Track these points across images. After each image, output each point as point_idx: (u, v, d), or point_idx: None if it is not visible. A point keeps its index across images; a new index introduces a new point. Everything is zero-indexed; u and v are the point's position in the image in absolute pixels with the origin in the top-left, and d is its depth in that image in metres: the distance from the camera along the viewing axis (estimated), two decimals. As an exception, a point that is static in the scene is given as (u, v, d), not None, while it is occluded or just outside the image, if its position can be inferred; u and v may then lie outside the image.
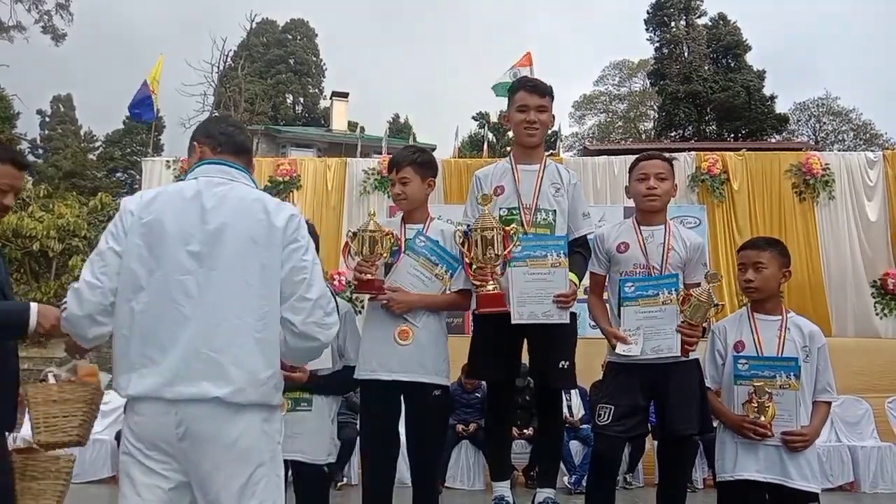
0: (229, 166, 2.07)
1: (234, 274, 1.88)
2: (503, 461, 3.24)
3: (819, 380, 2.79)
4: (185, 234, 1.90)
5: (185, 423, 1.82)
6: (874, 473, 7.08)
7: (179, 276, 1.88)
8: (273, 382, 1.90)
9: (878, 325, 8.51)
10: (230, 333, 1.85)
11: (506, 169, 3.11)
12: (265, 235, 1.93)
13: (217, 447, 1.82)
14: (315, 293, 1.93)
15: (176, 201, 1.97)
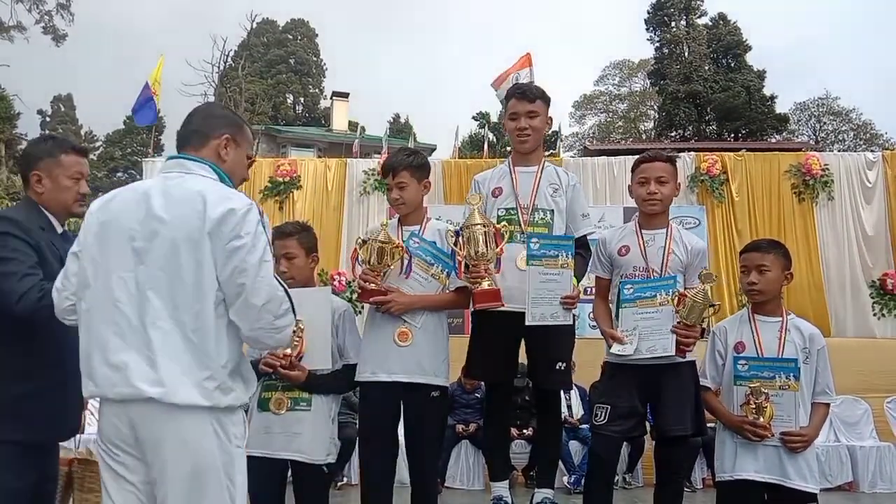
0: (186, 159, 2.02)
1: (168, 271, 1.83)
2: (502, 461, 3.25)
3: (818, 381, 2.80)
4: (130, 231, 1.88)
5: (133, 424, 1.81)
6: (873, 473, 7.09)
7: (121, 273, 1.86)
8: (214, 384, 1.81)
9: (876, 325, 8.52)
10: (163, 332, 1.80)
11: (504, 171, 3.12)
12: (199, 230, 1.84)
13: (163, 449, 1.79)
14: (261, 298, 1.84)
15: (129, 199, 1.95)
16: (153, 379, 1.77)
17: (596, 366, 3.20)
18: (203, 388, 1.79)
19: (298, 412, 2.75)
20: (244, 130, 2.16)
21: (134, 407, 1.80)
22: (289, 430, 2.71)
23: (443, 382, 2.89)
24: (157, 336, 1.80)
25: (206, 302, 1.83)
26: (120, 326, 1.83)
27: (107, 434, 1.86)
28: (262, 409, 2.76)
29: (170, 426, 1.78)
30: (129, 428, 1.82)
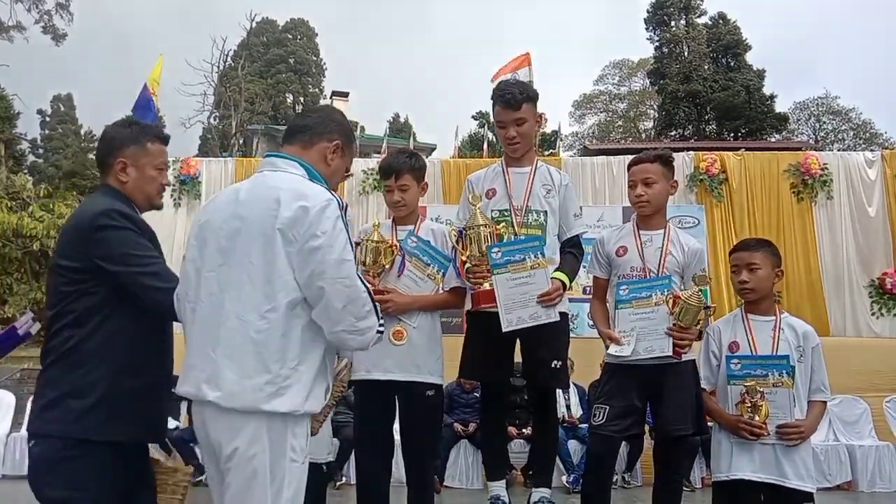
0: (276, 156, 2.01)
1: (241, 269, 1.79)
2: (499, 461, 3.26)
3: (813, 379, 2.80)
4: (219, 231, 1.86)
5: (204, 424, 1.80)
6: (872, 473, 7.10)
7: (208, 272, 1.84)
8: (273, 388, 1.73)
9: (875, 324, 8.53)
10: (229, 334, 1.76)
11: (497, 172, 3.12)
12: (271, 227, 1.78)
13: (224, 452, 1.76)
14: (341, 300, 1.77)
15: (222, 199, 1.95)
16: (213, 381, 1.75)
17: (595, 365, 3.20)
18: (259, 392, 1.73)
19: None
20: (353, 143, 2.15)
21: (201, 407, 1.80)
22: None
23: (437, 381, 2.90)
24: (224, 336, 1.76)
25: (277, 302, 1.77)
26: (203, 325, 1.82)
27: (197, 432, 1.89)
28: None
29: (226, 430, 1.75)
30: (203, 427, 1.82)
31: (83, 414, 2.00)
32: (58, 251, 2.13)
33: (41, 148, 32.93)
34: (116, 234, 2.05)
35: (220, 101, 23.98)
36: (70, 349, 2.02)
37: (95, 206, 2.12)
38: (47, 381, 2.05)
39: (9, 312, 13.11)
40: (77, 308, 2.03)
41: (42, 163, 30.88)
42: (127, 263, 2.04)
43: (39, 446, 2.05)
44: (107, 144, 2.25)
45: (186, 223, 9.38)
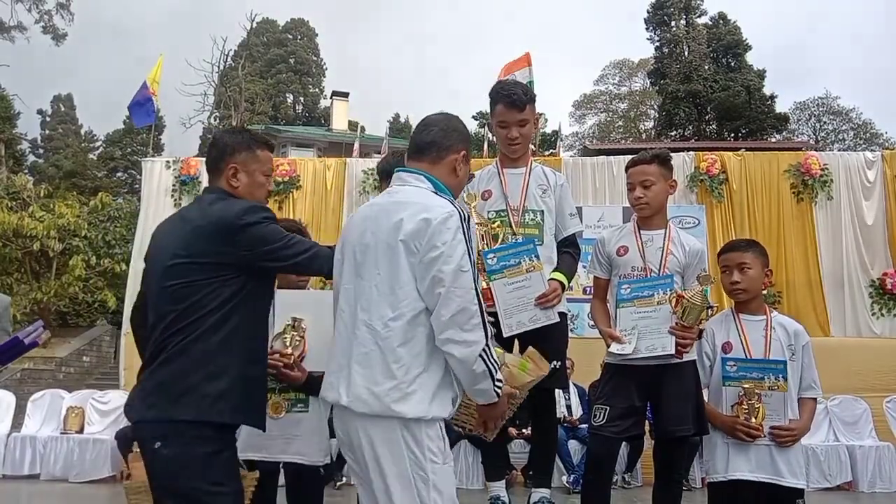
0: (405, 171, 2.09)
1: (370, 281, 1.91)
2: (498, 461, 3.26)
3: (804, 377, 2.81)
4: (354, 245, 2.00)
5: (346, 428, 1.92)
6: (872, 473, 7.10)
7: (346, 284, 1.99)
8: (399, 394, 1.81)
9: (876, 324, 8.51)
10: (359, 342, 1.88)
11: (493, 173, 3.12)
12: (394, 239, 1.89)
13: (365, 454, 1.87)
14: (451, 309, 1.83)
15: (359, 215, 2.08)
16: (347, 387, 1.87)
17: (595, 365, 3.20)
18: (386, 397, 1.81)
19: (296, 414, 2.75)
20: (470, 146, 2.21)
21: (341, 412, 1.93)
22: (287, 433, 2.70)
23: None
24: (356, 345, 1.89)
25: (400, 311, 1.86)
26: (341, 335, 1.96)
27: (339, 435, 1.99)
28: None
29: (363, 433, 1.86)
30: (345, 431, 1.94)
31: (218, 398, 2.05)
32: (181, 250, 2.16)
33: (41, 148, 32.91)
34: (266, 229, 2.17)
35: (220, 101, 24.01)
36: (197, 339, 2.07)
37: (233, 205, 2.20)
38: (174, 372, 2.06)
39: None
40: (209, 301, 2.09)
41: (42, 163, 30.87)
42: (287, 251, 2.18)
43: (171, 446, 2.02)
44: (219, 150, 2.33)
45: (186, 223, 9.39)
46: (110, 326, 15.64)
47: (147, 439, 2.06)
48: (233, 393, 2.08)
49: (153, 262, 2.25)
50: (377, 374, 1.83)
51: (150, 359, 2.13)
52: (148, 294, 2.27)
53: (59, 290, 13.75)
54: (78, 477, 7.33)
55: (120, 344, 9.41)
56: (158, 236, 2.32)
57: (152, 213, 9.41)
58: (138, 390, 2.13)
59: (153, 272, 2.22)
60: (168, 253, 2.17)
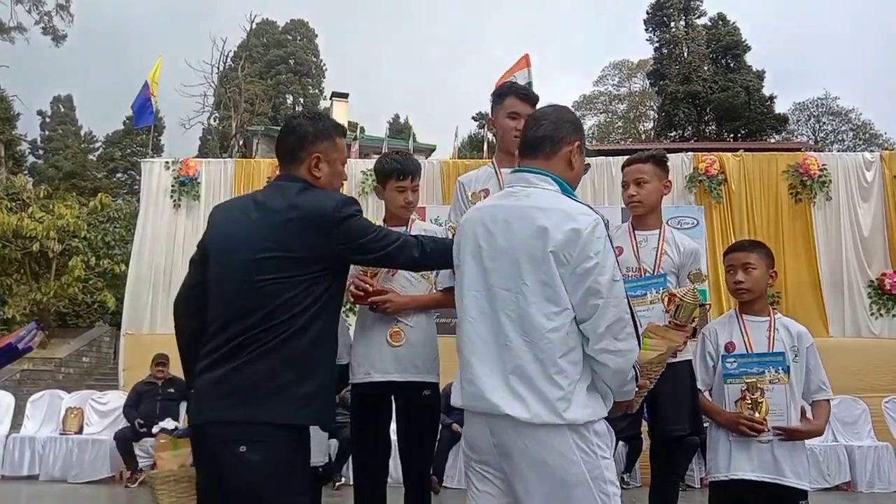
0: (526, 171, 2.02)
1: (515, 292, 1.87)
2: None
3: (812, 380, 2.80)
4: (479, 250, 1.95)
5: (495, 436, 1.88)
6: (871, 473, 7.10)
7: (473, 290, 1.94)
8: (566, 404, 1.81)
9: (874, 325, 8.52)
10: (516, 354, 1.85)
11: (490, 174, 3.14)
12: (542, 249, 1.85)
13: (524, 464, 1.84)
14: (607, 320, 1.84)
15: (476, 217, 2.02)
16: (508, 398, 1.83)
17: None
18: (557, 407, 1.81)
19: None
20: (584, 136, 2.15)
21: (493, 421, 1.87)
22: None
23: (434, 380, 2.91)
24: (509, 357, 1.85)
25: (559, 322, 1.85)
26: (474, 343, 1.92)
27: (470, 441, 1.96)
28: None
29: (529, 443, 1.82)
30: (491, 439, 1.89)
31: (308, 400, 1.99)
32: (271, 243, 2.04)
33: (41, 149, 32.92)
34: (361, 221, 2.13)
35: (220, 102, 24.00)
36: (289, 339, 1.98)
37: (327, 197, 2.11)
38: (263, 371, 1.95)
39: (9, 313, 13.12)
40: (302, 300, 2.01)
41: (42, 164, 30.86)
42: (379, 243, 2.15)
43: (258, 451, 1.91)
44: (299, 137, 2.20)
45: (185, 224, 9.39)
46: (109, 327, 15.65)
47: (227, 441, 1.92)
48: (320, 395, 2.03)
49: (226, 254, 2.09)
50: (541, 385, 1.82)
51: (221, 358, 1.98)
52: (217, 286, 2.09)
53: (59, 290, 13.76)
54: (77, 477, 7.33)
55: (119, 344, 9.41)
56: (227, 225, 2.15)
57: (151, 213, 9.42)
58: (211, 388, 1.97)
59: (228, 264, 2.07)
60: (252, 245, 2.04)
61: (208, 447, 1.97)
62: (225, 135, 24.22)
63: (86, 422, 7.93)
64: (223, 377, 1.96)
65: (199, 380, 2.02)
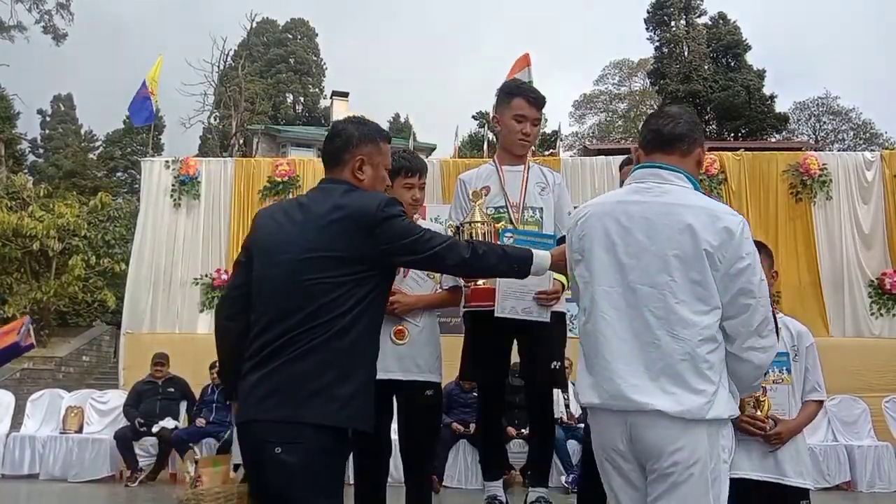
0: (661, 168, 2.02)
1: (663, 289, 1.87)
2: (495, 461, 3.26)
3: (808, 379, 2.80)
4: (612, 245, 1.93)
5: (632, 433, 1.88)
6: (871, 473, 7.10)
7: (606, 286, 1.92)
8: (705, 399, 1.84)
9: (874, 324, 8.52)
10: (665, 351, 1.85)
11: (491, 171, 3.14)
12: (693, 248, 1.86)
13: (662, 459, 1.84)
14: (758, 319, 1.87)
15: (601, 211, 2.00)
16: (658, 394, 1.83)
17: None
18: (705, 403, 1.83)
19: None
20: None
21: (635, 417, 1.86)
22: None
23: (437, 379, 2.91)
24: (658, 355, 1.85)
25: (711, 320, 1.86)
26: (610, 340, 1.90)
27: (603, 439, 1.94)
28: None
29: (671, 439, 1.84)
30: (627, 435, 1.89)
31: (347, 402, 1.98)
32: (315, 243, 2.04)
33: (41, 148, 32.89)
34: (405, 221, 2.12)
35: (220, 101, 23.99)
36: (330, 339, 1.98)
37: (371, 197, 2.11)
38: (303, 372, 1.95)
39: (9, 312, 13.11)
40: (344, 301, 2.00)
41: (42, 162, 30.85)
42: (425, 244, 2.11)
43: (293, 452, 1.90)
44: (344, 140, 2.22)
45: (186, 223, 9.38)
46: (108, 326, 15.64)
47: (265, 441, 1.93)
48: (359, 398, 2.01)
49: (271, 255, 2.10)
50: (693, 381, 1.84)
51: (265, 358, 1.99)
52: (261, 287, 2.10)
53: (59, 289, 13.75)
54: (77, 477, 7.34)
55: (119, 343, 9.41)
56: (272, 227, 2.15)
57: (152, 212, 9.42)
58: (254, 388, 1.98)
59: (273, 265, 2.08)
60: (298, 246, 2.05)
61: (249, 445, 2.01)
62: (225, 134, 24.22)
63: (86, 421, 7.93)
64: (265, 376, 1.98)
65: (245, 380, 2.04)
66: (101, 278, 14.55)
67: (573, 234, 2.07)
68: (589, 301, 1.97)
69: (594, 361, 1.94)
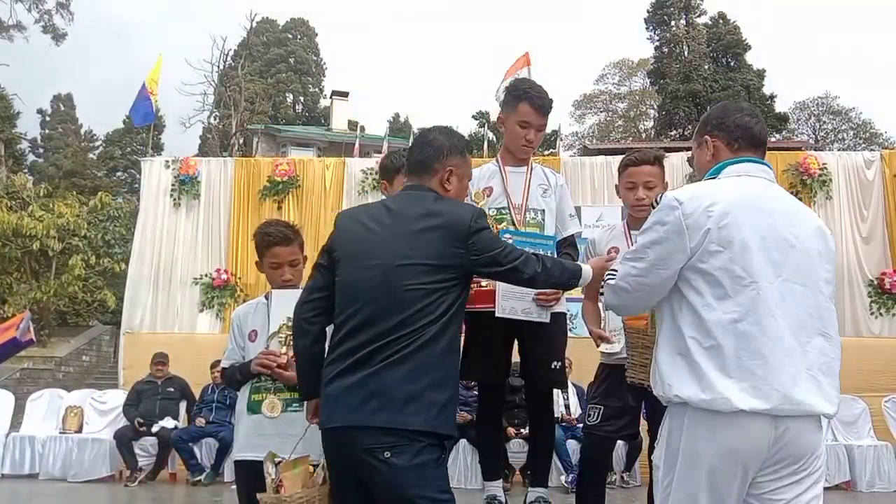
0: (767, 165, 2.03)
1: (809, 287, 1.87)
2: (494, 461, 3.26)
3: None
4: (762, 239, 1.86)
5: (785, 436, 1.80)
6: (871, 472, 7.11)
7: (765, 282, 1.83)
8: (838, 397, 1.89)
9: (874, 324, 8.52)
10: (820, 351, 1.85)
11: (493, 171, 3.13)
12: (825, 245, 1.95)
13: (803, 459, 1.84)
14: (834, 322, 1.94)
15: (739, 203, 1.89)
16: (819, 396, 1.81)
17: (593, 366, 3.20)
18: (835, 402, 1.87)
19: (291, 413, 2.73)
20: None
21: (792, 421, 1.80)
22: (283, 432, 2.68)
23: None
24: (815, 354, 1.84)
25: (833, 318, 1.92)
26: (775, 341, 1.80)
27: (748, 447, 1.79)
28: (252, 412, 2.68)
29: (819, 439, 1.87)
30: (772, 439, 1.79)
31: (443, 408, 2.02)
32: (410, 250, 2.08)
33: (41, 147, 32.89)
34: (491, 234, 2.20)
35: (220, 101, 23.99)
36: (423, 346, 2.01)
37: (462, 208, 2.19)
38: (399, 378, 1.98)
39: (9, 311, 13.12)
40: (435, 308, 2.04)
41: (42, 162, 30.85)
42: (507, 257, 2.16)
43: (402, 455, 1.95)
44: (436, 150, 2.26)
45: (185, 223, 9.38)
46: (108, 326, 15.64)
47: (368, 447, 1.97)
48: (451, 405, 2.06)
49: (362, 259, 2.12)
50: (836, 382, 1.88)
51: (356, 362, 2.02)
52: (350, 291, 2.12)
53: (59, 289, 13.75)
54: (77, 476, 7.34)
55: (119, 343, 9.42)
56: (359, 230, 2.18)
57: (151, 212, 9.42)
58: (348, 393, 2.01)
59: (364, 269, 2.10)
60: (392, 251, 2.08)
61: (346, 453, 2.04)
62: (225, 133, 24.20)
63: (85, 421, 7.93)
64: (361, 382, 2.00)
65: (333, 384, 2.06)
66: (100, 278, 14.56)
67: (703, 222, 1.85)
68: (747, 299, 1.81)
69: (751, 364, 1.78)
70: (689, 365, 1.83)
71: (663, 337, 1.94)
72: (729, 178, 1.97)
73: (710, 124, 2.06)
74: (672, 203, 1.89)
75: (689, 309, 1.86)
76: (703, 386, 1.79)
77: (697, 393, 1.80)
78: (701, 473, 1.81)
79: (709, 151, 2.05)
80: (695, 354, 1.82)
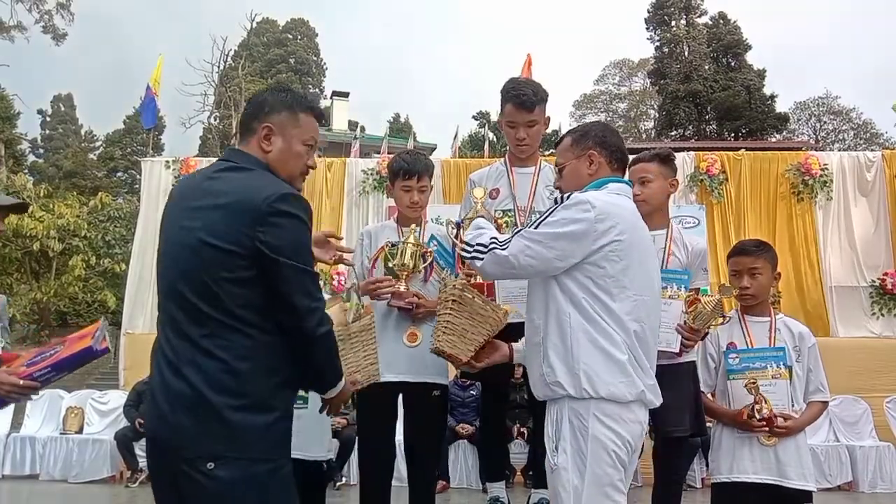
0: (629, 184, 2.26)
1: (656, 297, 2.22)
2: (498, 462, 3.26)
3: (811, 380, 2.79)
4: (644, 256, 2.13)
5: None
6: (873, 473, 7.08)
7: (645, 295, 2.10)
8: None
9: (875, 324, 8.50)
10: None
11: (501, 172, 3.12)
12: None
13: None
14: None
15: (635, 223, 2.14)
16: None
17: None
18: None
19: (295, 410, 2.74)
20: None
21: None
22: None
23: (444, 381, 2.91)
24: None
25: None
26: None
27: (639, 432, 2.13)
28: None
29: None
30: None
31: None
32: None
33: (41, 148, 32.92)
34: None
35: (220, 101, 24.01)
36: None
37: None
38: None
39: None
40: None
41: (42, 163, 30.87)
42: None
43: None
44: (256, 106, 2.01)
45: (186, 223, 9.38)
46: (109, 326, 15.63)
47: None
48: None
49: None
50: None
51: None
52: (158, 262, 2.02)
53: (59, 289, 13.75)
54: (77, 477, 7.32)
55: (119, 344, 9.40)
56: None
57: (152, 213, 9.40)
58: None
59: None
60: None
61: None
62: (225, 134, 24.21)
63: (86, 421, 7.92)
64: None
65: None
66: (101, 278, 14.56)
67: (609, 230, 2.03)
68: (631, 305, 2.08)
69: (643, 363, 2.13)
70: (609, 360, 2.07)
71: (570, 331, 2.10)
72: (615, 195, 2.13)
73: (594, 140, 2.22)
74: (585, 205, 2.01)
75: (590, 305, 2.03)
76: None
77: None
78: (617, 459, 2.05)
79: (593, 165, 2.19)
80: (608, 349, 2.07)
